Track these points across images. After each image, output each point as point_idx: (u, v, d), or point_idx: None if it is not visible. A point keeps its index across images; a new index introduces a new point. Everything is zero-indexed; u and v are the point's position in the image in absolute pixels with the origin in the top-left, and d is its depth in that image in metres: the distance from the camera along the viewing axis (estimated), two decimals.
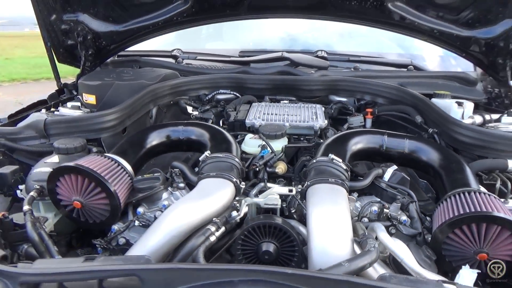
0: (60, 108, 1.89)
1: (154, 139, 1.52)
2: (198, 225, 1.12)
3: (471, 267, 1.10)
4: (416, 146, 1.45)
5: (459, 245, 1.11)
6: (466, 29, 2.13)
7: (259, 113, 1.80)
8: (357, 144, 1.45)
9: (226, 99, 2.14)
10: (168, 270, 0.82)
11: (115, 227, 1.26)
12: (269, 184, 1.38)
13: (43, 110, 1.89)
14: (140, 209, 1.24)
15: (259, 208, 1.21)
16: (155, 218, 1.23)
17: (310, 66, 2.24)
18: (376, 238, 1.12)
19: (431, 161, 1.40)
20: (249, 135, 1.59)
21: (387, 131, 1.50)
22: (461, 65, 2.55)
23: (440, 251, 1.13)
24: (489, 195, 1.16)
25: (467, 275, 1.07)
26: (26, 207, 1.19)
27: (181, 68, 2.25)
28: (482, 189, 1.23)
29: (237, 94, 2.12)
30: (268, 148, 1.49)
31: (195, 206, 1.13)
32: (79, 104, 1.95)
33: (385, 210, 1.20)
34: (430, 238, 1.16)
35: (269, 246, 1.10)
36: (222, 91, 2.12)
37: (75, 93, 2.28)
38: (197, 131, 1.52)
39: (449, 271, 1.15)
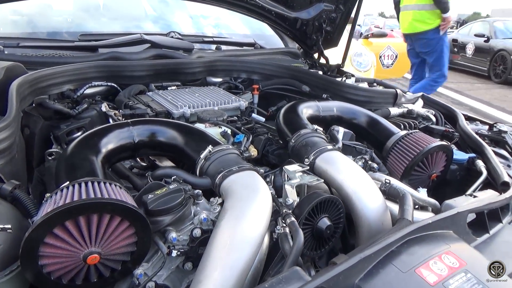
0: None
1: (106, 147, 1.11)
2: (267, 226, 0.98)
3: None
4: (340, 106, 1.68)
5: (420, 173, 1.45)
6: (292, 11, 2.52)
7: (176, 101, 1.59)
8: (304, 112, 1.55)
9: (98, 92, 1.73)
10: None
11: (139, 271, 0.90)
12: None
13: None
14: (173, 234, 0.93)
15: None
16: (194, 238, 0.96)
17: (176, 48, 2.08)
18: None
19: (356, 119, 1.67)
20: (201, 125, 1.40)
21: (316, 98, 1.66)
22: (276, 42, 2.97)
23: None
24: (417, 132, 1.54)
25: (424, 194, 1.44)
26: None
27: (19, 60, 1.62)
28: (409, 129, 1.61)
29: (115, 85, 1.74)
30: (230, 134, 1.37)
31: (258, 207, 0.96)
32: None
33: (369, 162, 1.39)
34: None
35: (327, 220, 1.10)
36: (96, 83, 1.69)
37: None
38: (162, 130, 1.20)
39: None
